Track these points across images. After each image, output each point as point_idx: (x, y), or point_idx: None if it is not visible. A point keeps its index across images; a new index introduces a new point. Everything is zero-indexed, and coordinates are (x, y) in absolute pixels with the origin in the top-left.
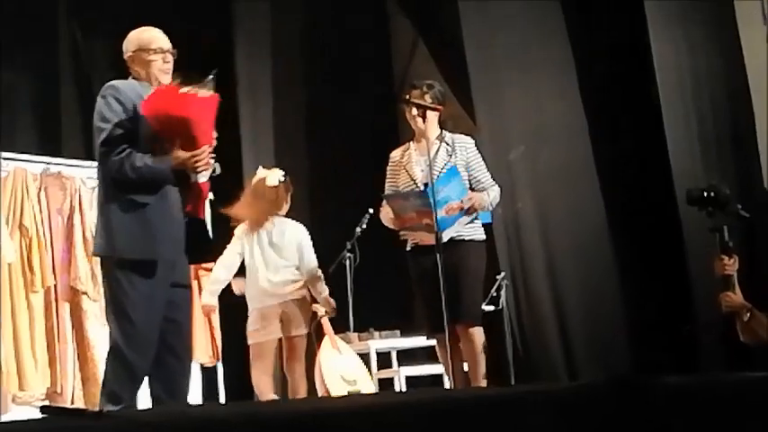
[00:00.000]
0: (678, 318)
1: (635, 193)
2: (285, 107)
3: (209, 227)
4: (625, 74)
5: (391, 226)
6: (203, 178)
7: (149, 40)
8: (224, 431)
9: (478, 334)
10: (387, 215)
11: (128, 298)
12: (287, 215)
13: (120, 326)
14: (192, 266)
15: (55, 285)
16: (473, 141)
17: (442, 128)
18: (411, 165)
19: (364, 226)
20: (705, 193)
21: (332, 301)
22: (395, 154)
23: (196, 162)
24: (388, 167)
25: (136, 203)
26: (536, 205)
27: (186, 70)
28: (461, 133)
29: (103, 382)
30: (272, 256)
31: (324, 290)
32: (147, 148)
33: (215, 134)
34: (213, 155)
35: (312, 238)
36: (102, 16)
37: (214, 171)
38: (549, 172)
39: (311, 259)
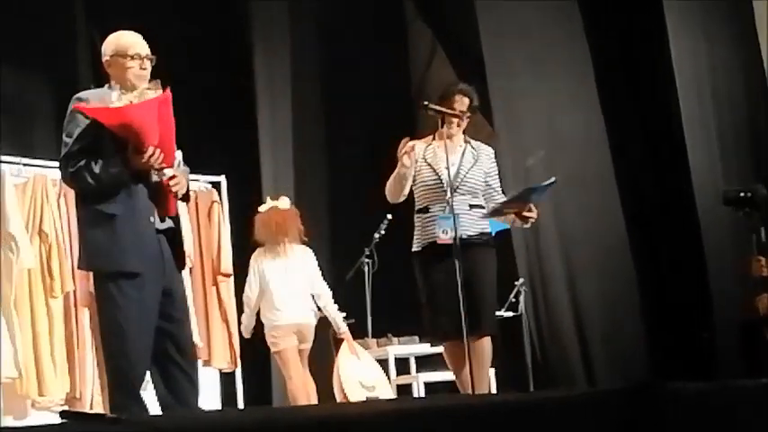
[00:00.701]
0: (697, 324)
1: (654, 198)
2: (303, 112)
3: (183, 227)
4: (644, 79)
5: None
6: (165, 176)
7: (127, 45)
8: None
9: (489, 343)
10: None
11: (118, 308)
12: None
13: (113, 337)
14: (211, 272)
15: (74, 291)
16: (493, 152)
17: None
18: (437, 161)
19: (383, 232)
20: (742, 194)
21: (343, 325)
22: (418, 145)
23: (148, 163)
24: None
25: (104, 215)
26: (554, 211)
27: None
28: (482, 141)
29: (109, 397)
30: (284, 279)
31: (336, 314)
32: (111, 156)
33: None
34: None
35: (330, 244)
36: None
37: (179, 165)
38: (567, 178)
39: (322, 284)
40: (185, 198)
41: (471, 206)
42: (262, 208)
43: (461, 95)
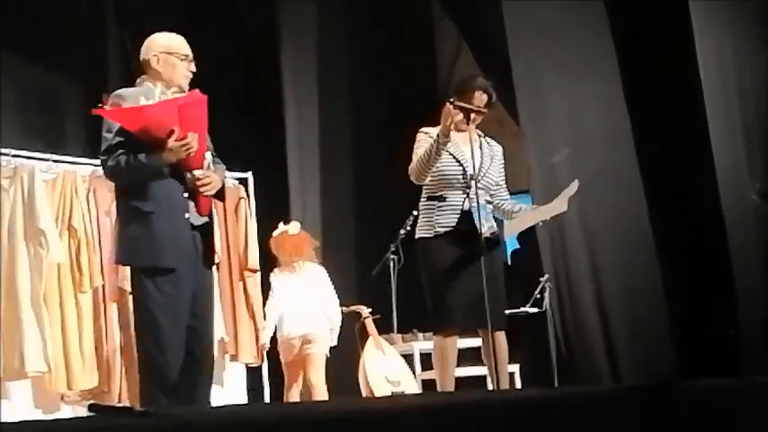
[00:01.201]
0: (722, 321)
1: (679, 195)
2: (330, 109)
3: (215, 228)
4: (669, 77)
5: None
6: (194, 176)
7: (178, 45)
8: (267, 430)
9: (504, 339)
10: None
11: (155, 303)
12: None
13: (149, 332)
14: (237, 268)
15: (103, 286)
16: (502, 149)
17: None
18: (458, 152)
19: (408, 228)
20: None
21: (335, 340)
22: (433, 133)
23: (174, 153)
24: (423, 143)
25: (141, 211)
26: (579, 208)
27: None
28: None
29: (140, 392)
30: (296, 294)
31: (335, 331)
32: (148, 150)
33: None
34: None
35: (356, 240)
36: (149, 20)
37: (209, 166)
38: (592, 175)
39: (333, 303)
40: (220, 197)
41: (487, 202)
42: (275, 233)
43: (480, 92)
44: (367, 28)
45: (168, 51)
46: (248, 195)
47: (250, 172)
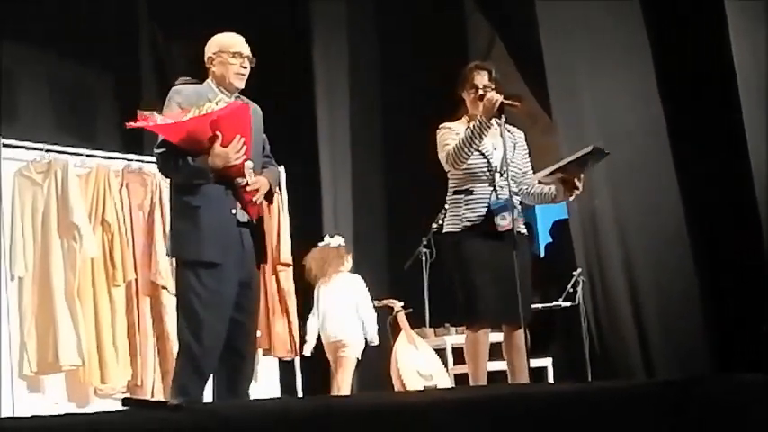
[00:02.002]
0: (756, 315)
1: (713, 188)
2: (361, 104)
3: (266, 228)
4: (704, 70)
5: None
6: (242, 181)
7: (230, 43)
8: (301, 424)
9: (522, 335)
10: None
11: (196, 296)
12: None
13: (188, 322)
14: (271, 262)
15: (136, 280)
16: (524, 135)
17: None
18: (482, 143)
19: (440, 222)
20: None
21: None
22: (456, 127)
23: (231, 156)
24: (448, 135)
25: (189, 206)
26: (613, 201)
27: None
28: (514, 125)
29: (173, 377)
30: (332, 302)
31: (372, 339)
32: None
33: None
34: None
35: (388, 234)
36: (181, 17)
37: (252, 173)
38: (625, 168)
39: (369, 310)
40: (269, 198)
41: (513, 193)
42: (319, 246)
43: (479, 70)
44: (398, 24)
45: (221, 51)
46: (281, 189)
47: (282, 166)
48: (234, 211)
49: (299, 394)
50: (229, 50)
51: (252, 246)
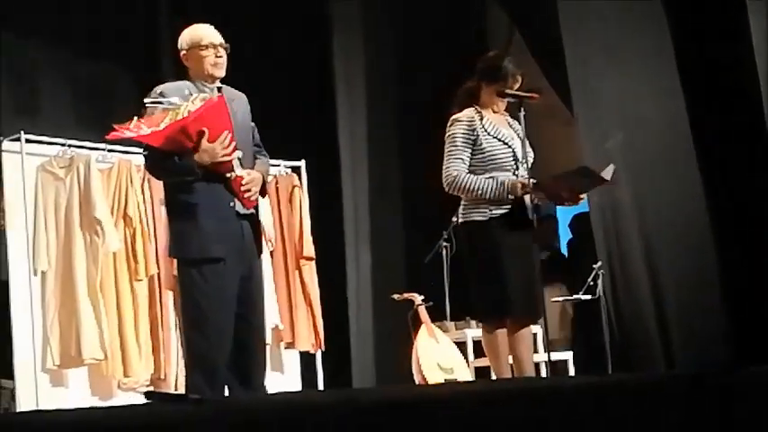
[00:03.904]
0: None
1: (735, 180)
2: (380, 98)
3: (261, 219)
4: (724, 59)
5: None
6: (233, 175)
7: (200, 36)
8: (322, 417)
9: (530, 329)
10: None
11: (202, 294)
12: None
13: (194, 322)
14: (293, 256)
15: (158, 274)
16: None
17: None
18: (499, 131)
19: (461, 214)
20: None
21: None
22: (471, 118)
23: (218, 151)
24: (465, 129)
25: (187, 204)
26: (634, 193)
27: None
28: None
29: (185, 376)
30: None
31: None
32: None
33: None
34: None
35: (408, 227)
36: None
37: (239, 165)
38: (647, 160)
39: None
40: (262, 193)
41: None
42: None
43: (515, 76)
44: (416, 18)
45: (191, 46)
46: (302, 183)
47: (303, 160)
48: (232, 204)
49: (320, 387)
50: (200, 43)
51: (252, 238)
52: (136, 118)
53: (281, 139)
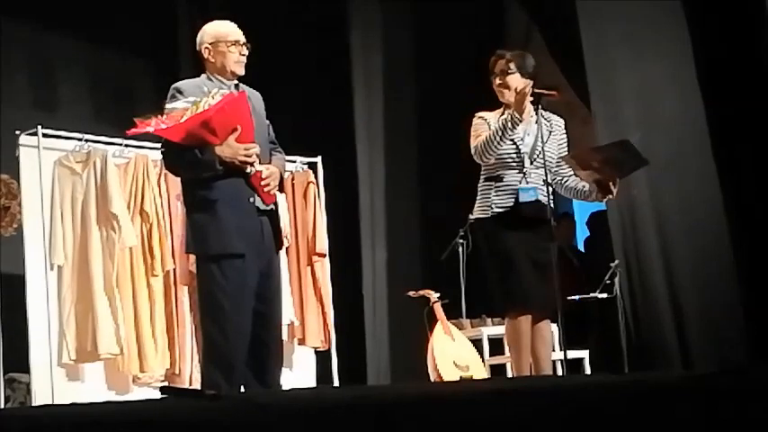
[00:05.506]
0: None
1: (752, 179)
2: (396, 95)
3: (280, 215)
4: (743, 58)
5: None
6: (252, 170)
7: (227, 32)
8: (337, 413)
9: (549, 325)
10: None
11: (221, 290)
12: None
13: (214, 318)
14: (306, 252)
15: (174, 270)
16: (563, 122)
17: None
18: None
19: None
20: None
21: None
22: (490, 117)
23: (241, 152)
24: (480, 126)
25: (206, 200)
26: (651, 192)
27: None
28: (554, 113)
29: (202, 373)
30: None
31: None
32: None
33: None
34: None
35: (424, 225)
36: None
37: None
38: (664, 158)
39: None
40: (280, 188)
41: (544, 182)
42: None
43: (498, 58)
44: (435, 14)
45: (217, 41)
46: (317, 179)
47: (319, 156)
48: (252, 200)
49: (336, 383)
50: (227, 39)
51: (271, 234)
52: (156, 116)
53: (297, 136)
